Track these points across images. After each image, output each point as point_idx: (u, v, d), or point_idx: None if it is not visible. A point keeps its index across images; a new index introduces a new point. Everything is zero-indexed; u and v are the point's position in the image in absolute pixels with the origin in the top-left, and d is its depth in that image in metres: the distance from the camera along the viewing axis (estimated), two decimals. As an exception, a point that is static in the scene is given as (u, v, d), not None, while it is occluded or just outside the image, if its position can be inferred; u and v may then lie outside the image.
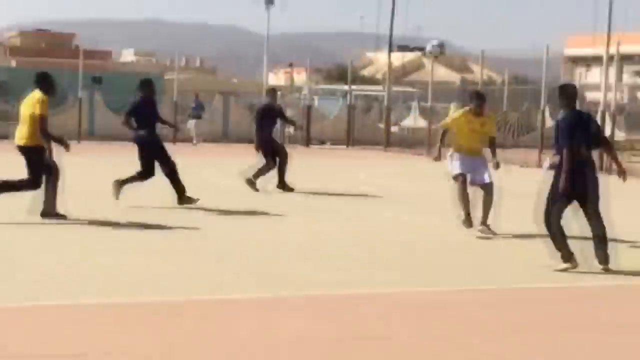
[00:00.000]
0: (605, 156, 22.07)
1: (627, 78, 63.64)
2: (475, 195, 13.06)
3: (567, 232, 10.40)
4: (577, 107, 10.65)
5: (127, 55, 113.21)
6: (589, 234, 10.45)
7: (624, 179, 10.54)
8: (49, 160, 12.88)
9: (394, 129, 43.70)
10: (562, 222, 10.30)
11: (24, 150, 12.67)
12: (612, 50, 27.78)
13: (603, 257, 10.21)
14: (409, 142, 37.82)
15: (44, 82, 12.80)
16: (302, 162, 25.35)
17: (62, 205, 12.96)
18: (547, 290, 9.53)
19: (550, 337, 7.39)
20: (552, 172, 10.33)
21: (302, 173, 20.80)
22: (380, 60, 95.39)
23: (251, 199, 16.43)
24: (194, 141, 34.87)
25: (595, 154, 10.70)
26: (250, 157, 18.80)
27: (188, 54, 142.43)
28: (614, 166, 11.10)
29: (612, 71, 31.36)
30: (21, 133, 12.69)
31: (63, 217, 12.89)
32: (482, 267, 10.60)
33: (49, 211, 12.83)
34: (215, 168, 23.71)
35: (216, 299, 8.43)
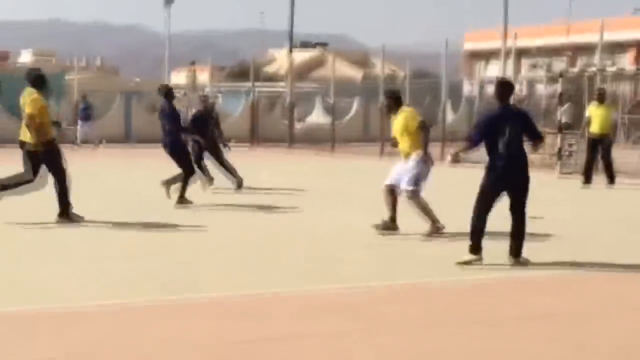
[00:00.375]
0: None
1: (525, 72, 64.80)
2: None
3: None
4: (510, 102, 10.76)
5: (26, 56, 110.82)
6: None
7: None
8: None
9: (298, 126, 43.75)
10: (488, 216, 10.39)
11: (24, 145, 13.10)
12: (509, 44, 28.25)
13: (515, 250, 10.38)
14: (314, 139, 37.90)
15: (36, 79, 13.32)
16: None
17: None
18: (453, 283, 9.64)
19: (458, 331, 7.48)
20: (454, 166, 10.36)
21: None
22: (283, 58, 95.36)
23: (156, 202, 16.25)
24: (96, 143, 34.22)
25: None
26: (153, 160, 18.59)
27: (89, 54, 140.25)
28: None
29: (510, 65, 31.95)
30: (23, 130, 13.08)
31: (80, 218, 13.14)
32: (388, 263, 10.68)
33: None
34: (120, 173, 23.39)
35: (123, 303, 8.31)
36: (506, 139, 10.22)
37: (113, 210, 14.81)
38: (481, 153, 10.77)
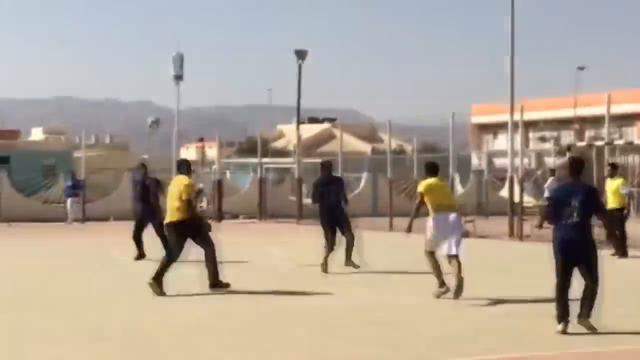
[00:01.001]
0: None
1: (533, 144, 64.92)
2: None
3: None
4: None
5: (37, 134, 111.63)
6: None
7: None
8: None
9: (306, 201, 43.62)
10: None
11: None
12: (516, 117, 28.23)
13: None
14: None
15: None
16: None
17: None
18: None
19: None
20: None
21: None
22: (291, 133, 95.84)
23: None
24: (68, 219, 34.13)
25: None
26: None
27: (100, 130, 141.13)
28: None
29: (518, 138, 31.86)
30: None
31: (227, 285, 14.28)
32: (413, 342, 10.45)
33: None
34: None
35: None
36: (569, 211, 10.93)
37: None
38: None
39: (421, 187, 13.90)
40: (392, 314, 12.27)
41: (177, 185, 14.31)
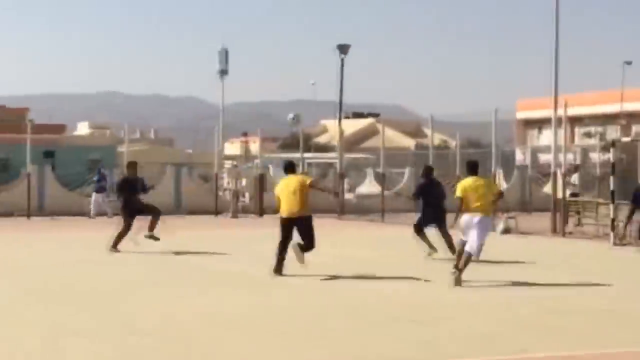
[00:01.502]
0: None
1: (579, 140, 64.17)
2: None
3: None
4: None
5: (82, 129, 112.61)
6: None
7: None
8: None
9: (349, 196, 43.48)
10: None
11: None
12: (560, 112, 27.87)
13: None
14: (364, 209, 37.61)
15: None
16: (250, 232, 25.15)
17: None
18: None
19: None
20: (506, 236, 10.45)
21: (249, 244, 20.64)
22: (334, 128, 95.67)
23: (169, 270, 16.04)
24: (91, 213, 34.16)
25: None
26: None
27: (145, 126, 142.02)
28: None
29: (561, 133, 31.50)
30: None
31: None
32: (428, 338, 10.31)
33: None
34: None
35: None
36: None
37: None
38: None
39: (458, 191, 14.99)
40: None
41: (294, 184, 16.05)
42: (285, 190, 16.08)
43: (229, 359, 9.20)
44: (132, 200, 20.46)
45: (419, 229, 19.25)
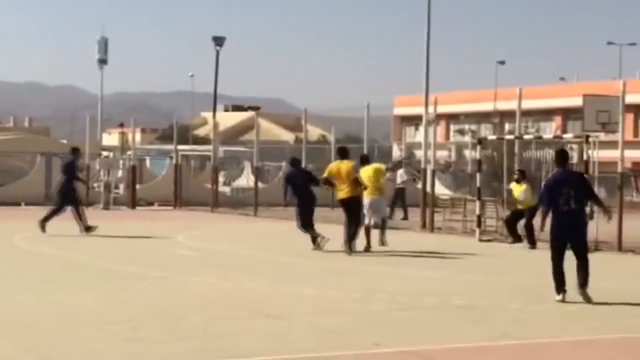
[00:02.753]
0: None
1: (454, 137, 65.40)
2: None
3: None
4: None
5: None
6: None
7: (609, 218, 13.75)
8: None
9: (225, 189, 43.28)
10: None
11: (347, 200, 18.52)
12: (431, 109, 28.28)
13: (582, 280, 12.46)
14: (239, 202, 37.48)
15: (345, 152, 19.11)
16: (114, 225, 24.80)
17: None
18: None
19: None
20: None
21: (109, 236, 20.50)
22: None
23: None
24: None
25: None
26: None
27: (21, 114, 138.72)
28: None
29: (437, 130, 31.99)
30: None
31: None
32: (283, 332, 10.27)
33: None
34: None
35: None
36: (561, 198, 12.53)
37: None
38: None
39: (326, 172, 19.18)
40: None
41: (345, 168, 18.38)
42: (338, 174, 18.39)
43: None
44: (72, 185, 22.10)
45: (303, 224, 19.46)
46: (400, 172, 33.30)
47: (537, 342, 10.07)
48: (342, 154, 19.13)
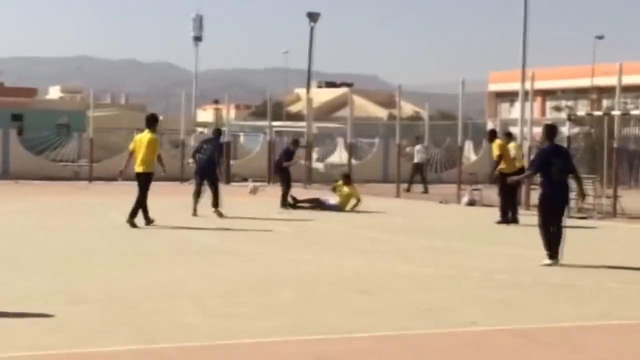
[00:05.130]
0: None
1: (550, 114, 64.28)
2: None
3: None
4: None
5: (54, 93, 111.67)
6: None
7: (582, 199, 16.18)
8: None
9: (319, 165, 43.34)
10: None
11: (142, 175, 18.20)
12: (528, 86, 27.81)
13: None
14: (332, 179, 37.45)
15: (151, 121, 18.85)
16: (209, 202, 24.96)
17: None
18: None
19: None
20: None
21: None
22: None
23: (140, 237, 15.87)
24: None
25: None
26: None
27: (117, 91, 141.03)
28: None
29: (533, 106, 31.49)
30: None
31: None
32: (377, 310, 10.20)
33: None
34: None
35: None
36: (552, 169, 13.65)
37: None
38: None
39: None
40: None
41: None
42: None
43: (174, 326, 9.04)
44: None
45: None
46: (418, 147, 34.20)
47: (639, 323, 9.83)
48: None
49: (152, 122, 18.86)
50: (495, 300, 10.80)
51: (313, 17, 42.17)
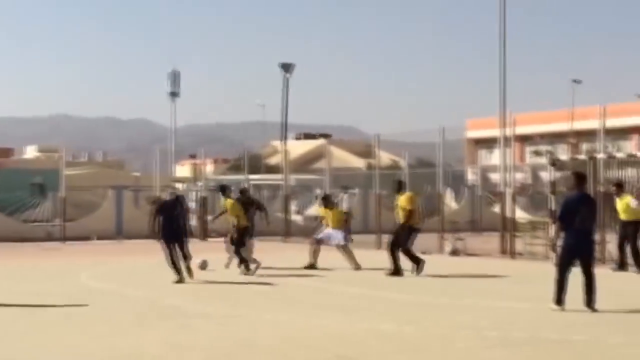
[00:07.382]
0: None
1: (529, 159, 64.01)
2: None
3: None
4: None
5: (31, 152, 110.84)
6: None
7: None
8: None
9: (297, 217, 42.61)
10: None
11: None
12: (508, 131, 27.35)
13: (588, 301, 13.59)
14: (311, 231, 36.71)
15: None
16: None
17: None
18: None
19: None
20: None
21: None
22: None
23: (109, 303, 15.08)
24: None
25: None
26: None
27: (96, 148, 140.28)
28: None
29: (511, 152, 31.00)
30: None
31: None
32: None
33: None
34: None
35: None
36: (578, 218, 13.44)
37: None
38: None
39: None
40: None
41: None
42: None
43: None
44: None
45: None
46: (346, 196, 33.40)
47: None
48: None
49: (223, 191, 21.79)
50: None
51: (287, 68, 41.70)
